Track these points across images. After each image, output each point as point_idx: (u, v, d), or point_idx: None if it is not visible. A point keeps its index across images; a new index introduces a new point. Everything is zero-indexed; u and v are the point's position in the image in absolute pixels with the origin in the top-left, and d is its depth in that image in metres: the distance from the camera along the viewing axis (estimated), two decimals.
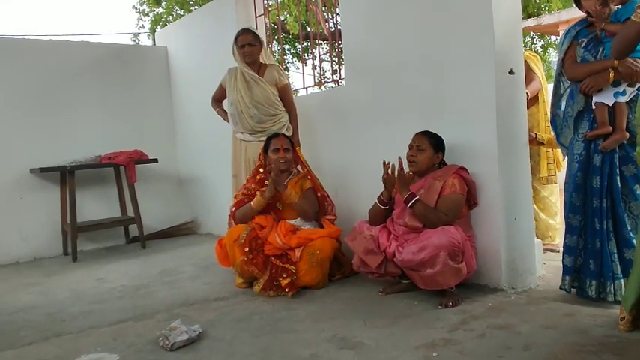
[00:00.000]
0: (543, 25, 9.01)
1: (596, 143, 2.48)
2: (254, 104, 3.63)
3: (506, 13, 2.75)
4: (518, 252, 2.82)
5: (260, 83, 3.65)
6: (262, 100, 3.63)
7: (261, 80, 3.65)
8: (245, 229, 3.12)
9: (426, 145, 2.78)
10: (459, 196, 2.68)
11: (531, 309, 2.48)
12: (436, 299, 2.63)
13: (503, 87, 2.74)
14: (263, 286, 3.01)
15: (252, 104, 3.63)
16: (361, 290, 2.97)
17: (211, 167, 5.16)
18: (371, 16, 3.40)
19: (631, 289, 2.09)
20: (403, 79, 3.20)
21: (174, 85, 5.74)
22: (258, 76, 3.67)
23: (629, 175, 2.42)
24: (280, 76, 3.72)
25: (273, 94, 3.66)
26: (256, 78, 3.65)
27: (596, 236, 2.48)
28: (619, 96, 2.41)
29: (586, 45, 2.52)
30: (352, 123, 3.62)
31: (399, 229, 2.76)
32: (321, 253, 3.01)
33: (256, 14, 4.58)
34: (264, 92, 3.63)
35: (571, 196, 2.54)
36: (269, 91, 3.64)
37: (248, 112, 3.64)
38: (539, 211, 3.71)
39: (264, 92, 3.63)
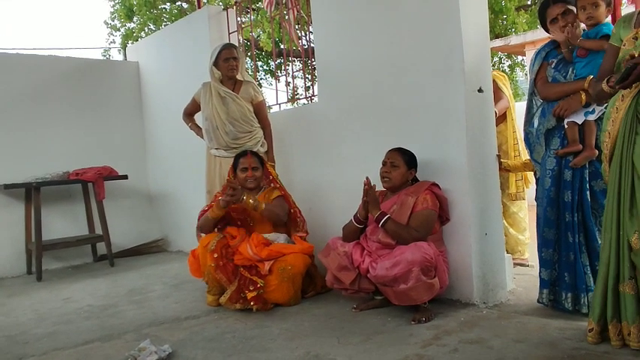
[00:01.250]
0: (510, 46, 9.30)
1: (567, 159, 2.55)
2: (230, 120, 3.62)
3: (475, 34, 2.83)
4: (489, 267, 2.86)
5: (236, 100, 3.64)
6: (238, 116, 3.62)
7: (237, 97, 3.65)
8: (217, 236, 3.12)
9: (400, 161, 2.81)
10: (432, 212, 2.71)
11: (503, 323, 2.51)
12: (409, 315, 2.63)
13: (473, 105, 2.81)
14: (230, 296, 2.97)
15: (228, 120, 3.62)
16: (334, 307, 2.95)
17: (183, 183, 5.10)
18: (344, 35, 3.44)
19: (597, 300, 2.13)
20: (375, 96, 3.24)
21: (145, 100, 5.67)
22: (232, 92, 3.66)
23: (599, 190, 2.49)
24: (256, 93, 3.72)
25: (249, 110, 3.67)
26: (231, 94, 3.65)
27: (570, 249, 2.54)
28: (589, 115, 2.49)
29: (556, 65, 2.62)
30: (325, 140, 3.64)
31: (373, 245, 2.77)
32: (293, 269, 2.99)
33: (229, 31, 4.59)
34: (240, 109, 3.63)
35: (545, 210, 2.60)
36: (245, 107, 3.64)
37: (224, 129, 3.63)
38: (508, 226, 3.78)
39: (241, 109, 3.63)
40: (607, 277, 2.09)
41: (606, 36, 2.41)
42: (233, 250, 3.09)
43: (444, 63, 2.84)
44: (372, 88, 3.27)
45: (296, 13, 4.37)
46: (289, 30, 4.40)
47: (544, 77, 2.67)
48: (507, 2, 11.27)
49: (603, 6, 2.46)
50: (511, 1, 11.31)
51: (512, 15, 11.32)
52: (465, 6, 2.76)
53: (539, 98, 2.70)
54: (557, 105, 2.56)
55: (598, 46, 2.44)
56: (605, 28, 2.45)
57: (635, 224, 2.00)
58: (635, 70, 1.94)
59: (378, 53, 3.20)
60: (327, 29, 3.59)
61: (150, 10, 11.84)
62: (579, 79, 2.51)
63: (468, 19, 2.78)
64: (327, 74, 3.63)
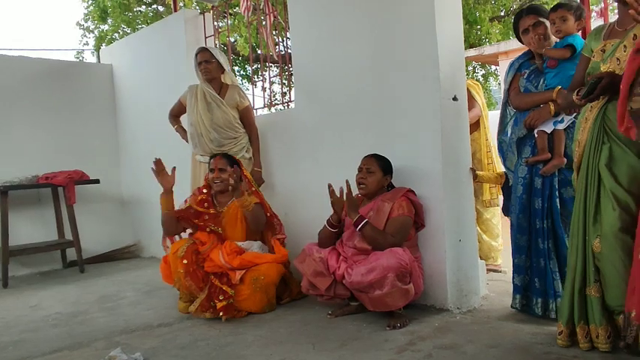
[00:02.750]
0: (484, 55, 9.49)
1: (537, 167, 2.61)
2: (214, 127, 3.60)
3: (450, 44, 2.88)
4: (463, 273, 2.89)
5: (221, 106, 3.62)
6: (222, 123, 3.61)
7: (222, 103, 3.63)
8: (187, 242, 3.08)
9: (375, 167, 2.83)
10: (407, 218, 2.73)
11: (476, 328, 2.54)
12: (385, 321, 2.64)
13: (447, 113, 2.84)
14: (200, 304, 2.93)
15: (213, 127, 3.60)
16: (310, 313, 2.94)
17: (157, 188, 4.96)
18: (321, 42, 3.46)
19: (565, 304, 2.19)
20: (352, 103, 3.26)
21: (119, 103, 5.58)
22: (219, 97, 3.64)
23: (568, 197, 2.56)
24: (241, 99, 3.70)
25: (234, 117, 3.65)
26: (217, 100, 3.63)
27: (540, 255, 2.60)
28: (558, 124, 2.56)
29: (528, 76, 2.70)
30: (301, 145, 3.63)
31: (349, 251, 2.77)
32: (266, 279, 2.97)
33: (206, 35, 4.56)
34: (224, 115, 3.61)
35: (518, 217, 2.66)
36: (230, 114, 3.63)
37: (208, 136, 3.62)
38: (482, 232, 3.83)
39: (225, 115, 3.61)
40: (574, 281, 2.15)
41: (570, 45, 2.51)
42: (203, 257, 3.04)
43: (420, 71, 2.87)
44: (348, 95, 3.28)
45: (273, 19, 4.36)
46: (266, 36, 4.39)
47: (517, 87, 2.74)
48: (482, 13, 11.52)
49: (572, 20, 2.54)
50: (485, 12, 11.56)
51: (486, 25, 11.56)
52: (440, 16, 2.80)
53: (513, 108, 2.76)
54: (527, 115, 2.62)
55: (561, 55, 2.53)
56: (569, 39, 2.53)
57: (598, 230, 2.06)
58: (599, 84, 2.00)
59: (355, 61, 3.22)
60: (304, 36, 3.60)
61: (124, 12, 11.67)
62: (549, 89, 2.58)
63: (444, 30, 2.82)
64: (304, 80, 3.64)
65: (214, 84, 3.70)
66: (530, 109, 2.64)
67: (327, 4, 3.40)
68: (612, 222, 2.02)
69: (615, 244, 2.01)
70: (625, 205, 2.00)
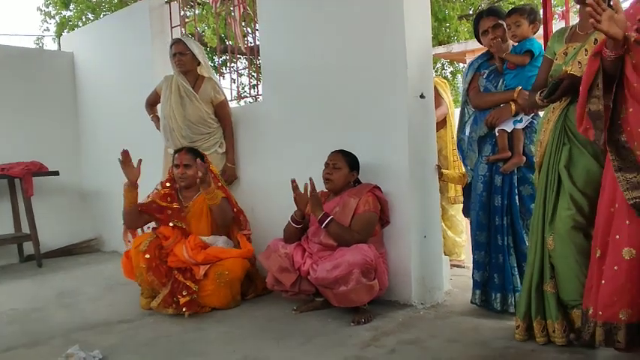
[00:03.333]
0: (452, 53, 9.60)
1: (497, 165, 2.67)
2: (186, 123, 3.55)
3: (418, 42, 2.89)
4: (427, 269, 2.93)
5: (194, 101, 3.56)
6: (195, 119, 3.55)
7: (196, 98, 3.57)
8: (149, 236, 3.02)
9: (342, 163, 2.83)
10: (373, 215, 2.74)
11: (439, 323, 2.58)
12: (349, 316, 2.65)
13: (414, 110, 2.86)
14: (162, 300, 2.87)
15: (185, 124, 3.55)
16: (275, 309, 2.92)
17: (119, 181, 4.82)
18: (290, 35, 3.42)
19: (523, 299, 2.25)
20: (320, 98, 3.24)
21: (80, 93, 5.39)
22: (193, 92, 3.58)
23: (526, 195, 2.63)
24: (216, 93, 3.64)
25: (207, 112, 3.59)
26: (191, 95, 3.57)
27: (499, 251, 2.65)
28: (517, 123, 2.63)
29: (487, 76, 2.75)
30: (269, 139, 3.60)
31: (314, 247, 2.77)
32: (230, 274, 2.93)
33: (172, 25, 4.44)
34: (197, 111, 3.56)
35: (478, 214, 2.70)
36: (203, 110, 3.57)
37: (180, 132, 3.57)
38: (446, 228, 3.89)
39: (198, 111, 3.56)
40: (532, 277, 2.21)
41: (529, 52, 2.59)
42: (167, 252, 2.98)
43: (388, 69, 2.88)
44: (316, 90, 3.26)
45: (242, 10, 4.29)
46: (234, 27, 4.32)
47: (476, 87, 2.79)
48: (451, 11, 11.66)
49: (525, 24, 2.61)
50: (454, 10, 11.72)
51: (455, 23, 11.72)
52: (409, 15, 2.82)
53: (472, 107, 2.82)
54: (488, 114, 2.67)
55: (520, 61, 2.62)
56: (528, 44, 2.61)
57: (553, 228, 2.13)
58: (560, 86, 2.05)
59: (324, 56, 3.20)
60: (273, 28, 3.56)
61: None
62: (509, 89, 2.65)
63: (412, 28, 2.84)
64: (272, 74, 3.59)
65: (189, 76, 3.64)
66: (490, 109, 2.69)
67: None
68: (566, 221, 2.09)
69: (568, 243, 2.08)
70: (579, 205, 2.07)
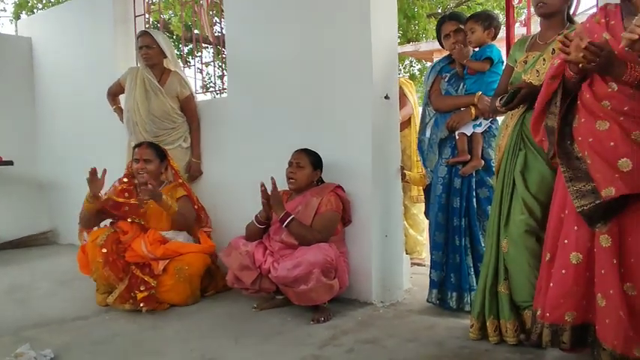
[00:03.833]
0: (420, 52, 9.72)
1: (457, 168, 2.73)
2: (150, 118, 3.50)
3: (384, 44, 2.92)
4: (387, 268, 2.97)
5: (160, 96, 3.50)
6: (159, 114, 3.50)
7: (161, 92, 3.50)
8: (107, 230, 2.95)
9: (305, 162, 2.83)
10: (335, 214, 2.75)
11: (397, 323, 2.62)
12: (309, 314, 2.66)
13: (378, 111, 2.89)
14: (119, 295, 2.82)
15: (149, 118, 3.50)
16: (235, 306, 2.91)
17: (78, 172, 4.69)
18: (256, 31, 3.38)
19: (478, 299, 2.31)
20: (285, 95, 3.23)
21: (38, 80, 5.19)
22: (158, 86, 3.52)
23: (484, 197, 2.71)
24: (182, 88, 3.59)
25: (172, 107, 3.54)
26: (156, 89, 3.51)
27: (456, 252, 2.72)
28: (477, 127, 2.70)
29: (449, 79, 2.81)
30: (233, 135, 3.55)
31: (275, 245, 2.76)
32: (190, 269, 2.90)
33: (136, 13, 4.32)
34: (162, 106, 3.50)
35: (437, 215, 2.76)
36: (168, 104, 3.52)
37: (144, 126, 3.51)
38: (408, 227, 3.95)
39: (163, 106, 3.50)
40: (487, 277, 2.28)
41: (488, 58, 2.65)
42: (125, 246, 2.92)
43: (354, 69, 2.89)
44: (282, 87, 3.25)
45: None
46: (200, 16, 4.25)
47: (438, 90, 2.84)
48: (420, 9, 11.77)
49: (480, 30, 2.67)
50: (423, 9, 11.83)
51: (424, 21, 11.83)
52: (375, 15, 2.83)
53: (433, 109, 2.86)
54: (449, 117, 2.73)
55: (480, 68, 2.69)
56: (487, 51, 2.68)
57: (507, 231, 2.19)
58: (518, 94, 2.11)
59: (291, 53, 3.19)
60: (240, 24, 3.51)
61: None
62: (470, 94, 2.71)
63: (378, 29, 2.85)
64: (238, 70, 3.55)
65: (155, 70, 3.58)
66: (450, 112, 2.74)
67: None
68: (519, 225, 2.15)
69: (521, 246, 2.15)
70: (532, 210, 2.14)
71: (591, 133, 1.84)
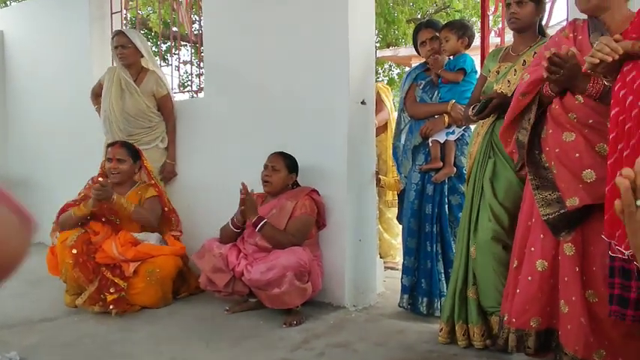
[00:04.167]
0: (399, 57, 9.79)
1: (429, 174, 2.77)
2: (125, 116, 3.47)
3: (362, 50, 2.95)
4: (361, 272, 2.99)
5: (134, 94, 3.47)
6: (134, 113, 3.47)
7: (136, 91, 3.48)
8: (77, 230, 2.90)
9: (281, 165, 2.83)
10: (309, 218, 2.77)
11: (368, 326, 2.64)
12: (282, 318, 2.67)
13: (355, 116, 2.91)
14: (89, 297, 2.78)
15: (123, 116, 3.47)
16: (207, 309, 2.89)
17: (50, 170, 4.66)
18: (234, 32, 3.37)
19: (447, 303, 2.36)
20: (263, 98, 3.23)
21: (9, 76, 5.05)
22: (134, 85, 3.49)
23: (455, 204, 2.75)
24: (158, 87, 3.55)
25: (148, 106, 3.50)
26: (132, 87, 3.48)
27: (428, 257, 2.76)
28: (450, 135, 2.75)
29: (424, 87, 2.85)
30: (209, 136, 3.53)
31: (249, 248, 2.76)
32: (162, 272, 2.88)
33: (112, 10, 4.26)
34: (137, 105, 3.47)
35: (409, 221, 2.79)
36: (143, 103, 3.48)
37: (118, 125, 3.48)
38: (383, 231, 3.99)
39: (138, 105, 3.47)
40: (456, 282, 2.32)
41: (461, 69, 2.71)
42: (95, 247, 2.87)
43: (331, 74, 2.91)
44: (259, 90, 3.25)
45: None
46: (181, 14, 4.22)
47: (413, 97, 2.89)
48: (400, 14, 11.87)
49: (454, 39, 2.72)
50: (402, 14, 11.94)
51: (403, 26, 11.94)
52: (353, 22, 2.87)
53: (407, 116, 2.90)
54: (423, 125, 2.77)
55: (454, 78, 2.74)
56: (461, 61, 2.73)
57: (475, 238, 2.24)
58: (489, 104, 2.16)
59: (269, 56, 3.19)
60: (218, 25, 3.49)
61: None
62: (443, 102, 2.76)
63: (356, 35, 2.89)
64: (215, 71, 3.53)
65: (132, 69, 3.55)
66: (425, 119, 2.79)
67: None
68: (486, 232, 2.20)
69: (487, 253, 2.20)
70: (498, 218, 2.19)
71: (558, 144, 1.89)
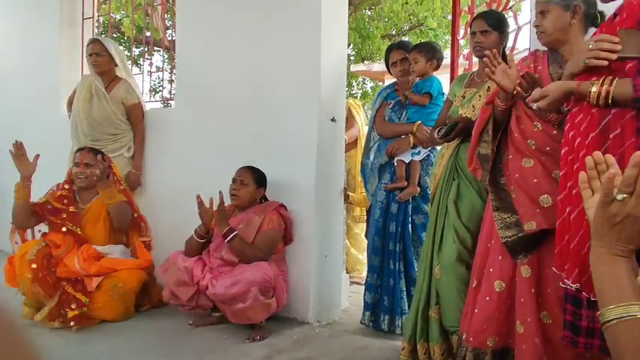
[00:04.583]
0: (372, 72, 9.96)
1: (394, 193, 2.82)
2: (90, 121, 3.43)
3: (333, 68, 2.99)
4: (326, 287, 3.01)
5: (102, 100, 3.44)
6: (99, 118, 3.43)
7: (105, 97, 3.45)
8: (38, 243, 2.83)
9: (249, 179, 2.84)
10: (276, 233, 2.77)
11: (332, 342, 2.66)
12: (246, 332, 2.66)
13: (324, 133, 2.95)
14: (49, 313, 2.70)
15: (88, 121, 3.44)
16: (170, 323, 2.85)
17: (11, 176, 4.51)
18: (206, 44, 3.37)
19: (410, 322, 2.39)
20: (234, 111, 3.23)
21: None
22: (103, 91, 3.46)
23: (419, 224, 2.80)
24: (128, 95, 3.52)
25: (115, 112, 3.47)
26: (101, 94, 3.45)
27: (391, 275, 2.80)
28: (415, 155, 2.80)
29: (393, 107, 2.91)
30: (178, 147, 3.50)
31: (215, 262, 2.75)
32: (125, 286, 2.84)
33: (84, 16, 4.20)
34: (103, 111, 3.43)
35: (373, 239, 2.83)
36: (110, 109, 3.45)
37: (82, 129, 3.45)
38: (350, 246, 4.03)
39: (104, 111, 3.43)
40: (419, 301, 2.36)
41: (428, 93, 2.77)
42: (56, 261, 2.80)
43: (303, 90, 2.94)
44: (230, 102, 3.25)
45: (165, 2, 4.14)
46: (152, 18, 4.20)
47: (382, 115, 2.95)
48: (375, 29, 12.06)
49: (423, 61, 2.78)
50: (377, 29, 12.13)
51: (378, 42, 12.13)
52: (326, 40, 2.91)
53: (377, 134, 2.95)
54: (389, 144, 2.82)
55: (420, 102, 2.80)
56: (427, 85, 2.79)
57: (439, 258, 2.29)
58: (455, 127, 2.22)
59: (241, 70, 3.20)
60: (190, 36, 3.48)
61: None
62: (410, 123, 2.81)
63: (328, 53, 2.93)
64: (187, 82, 3.52)
65: (106, 77, 3.53)
66: (392, 138, 2.84)
67: (216, 7, 3.32)
68: (450, 253, 2.25)
69: (451, 273, 2.25)
70: (462, 238, 2.24)
71: (518, 169, 1.97)
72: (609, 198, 0.89)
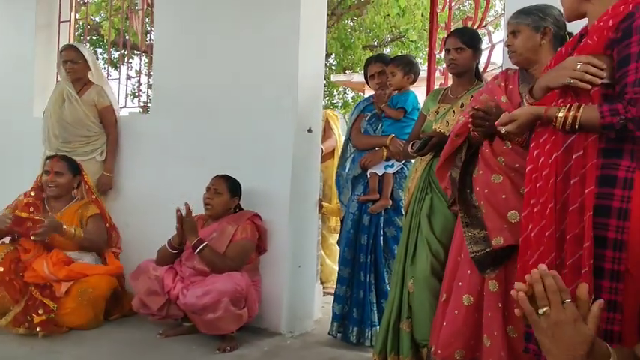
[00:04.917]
0: (353, 82, 10.06)
1: (367, 205, 2.83)
2: (61, 123, 3.40)
3: (311, 77, 3.02)
4: (299, 298, 3.01)
5: (74, 102, 3.41)
6: (71, 120, 3.40)
7: (76, 100, 3.42)
8: (6, 247, 2.79)
9: (223, 189, 2.83)
10: (249, 243, 2.76)
11: (303, 353, 2.66)
12: (216, 342, 2.63)
13: (300, 143, 2.96)
14: (14, 318, 2.64)
15: (60, 123, 3.40)
16: (139, 332, 2.81)
17: None
18: (183, 52, 3.36)
19: (381, 335, 2.40)
20: (209, 119, 3.22)
21: None
22: (75, 94, 3.43)
23: (391, 236, 2.82)
24: (100, 98, 3.48)
25: (87, 114, 3.43)
26: (72, 97, 3.42)
27: (361, 287, 2.80)
28: (388, 168, 2.83)
29: (369, 119, 2.94)
30: (152, 154, 3.46)
31: (187, 271, 2.72)
32: (95, 292, 2.79)
33: (60, 19, 4.14)
34: (75, 112, 3.40)
35: (344, 250, 2.85)
36: (81, 111, 3.41)
37: (54, 132, 3.41)
38: (325, 256, 4.03)
39: (76, 113, 3.40)
40: (390, 314, 2.37)
41: (402, 108, 2.80)
42: (25, 266, 2.75)
43: (279, 101, 2.96)
44: (207, 111, 3.24)
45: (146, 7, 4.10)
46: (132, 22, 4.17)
47: (358, 127, 2.97)
48: (356, 40, 12.16)
49: (400, 74, 2.79)
50: (359, 40, 12.24)
51: (359, 52, 12.23)
52: (304, 51, 2.93)
53: (353, 146, 2.97)
54: (363, 156, 2.84)
55: (394, 116, 2.83)
56: (402, 100, 2.82)
57: (413, 271, 2.30)
58: (429, 142, 2.25)
59: (218, 79, 3.20)
60: (168, 43, 3.47)
61: None
62: (384, 135, 2.83)
63: (306, 64, 2.95)
64: (163, 89, 3.48)
65: (79, 82, 3.50)
66: (367, 150, 2.86)
67: (195, 15, 3.32)
68: (424, 266, 2.26)
69: (425, 287, 2.26)
70: (436, 252, 2.27)
71: (487, 185, 2.00)
72: (534, 317, 0.98)
